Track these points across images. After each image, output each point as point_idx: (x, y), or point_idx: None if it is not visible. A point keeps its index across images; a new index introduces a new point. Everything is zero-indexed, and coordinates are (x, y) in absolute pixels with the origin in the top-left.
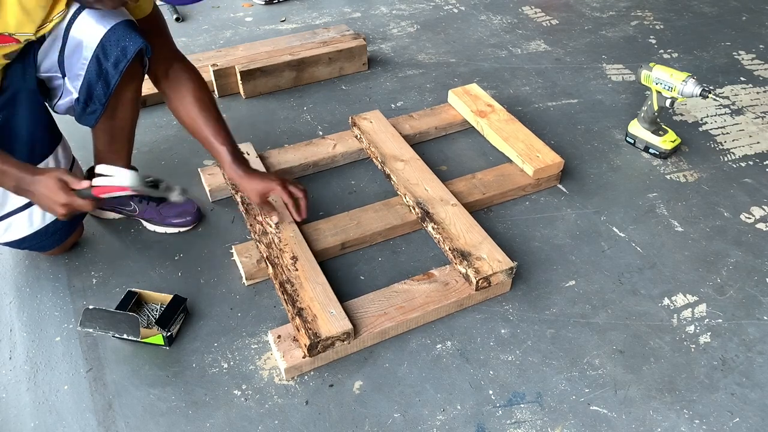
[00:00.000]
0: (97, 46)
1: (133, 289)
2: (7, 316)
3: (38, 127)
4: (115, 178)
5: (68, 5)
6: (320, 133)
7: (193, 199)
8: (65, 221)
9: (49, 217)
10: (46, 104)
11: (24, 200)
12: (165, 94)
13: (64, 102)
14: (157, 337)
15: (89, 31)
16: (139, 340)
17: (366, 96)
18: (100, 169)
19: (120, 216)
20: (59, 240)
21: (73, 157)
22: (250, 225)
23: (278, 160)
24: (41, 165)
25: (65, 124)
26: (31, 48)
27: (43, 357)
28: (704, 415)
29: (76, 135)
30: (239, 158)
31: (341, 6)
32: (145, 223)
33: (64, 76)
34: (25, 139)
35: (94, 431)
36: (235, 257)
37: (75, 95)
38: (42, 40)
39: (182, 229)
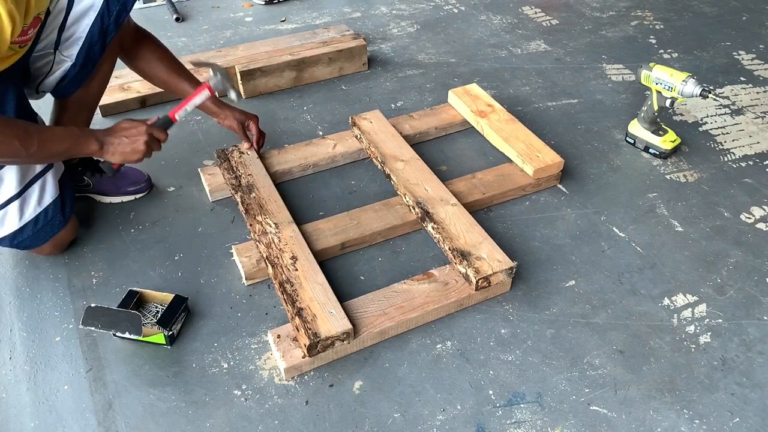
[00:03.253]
0: (102, 5)
1: (135, 289)
2: (7, 316)
3: (26, 117)
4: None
5: None
6: (320, 133)
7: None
8: (54, 213)
9: (41, 207)
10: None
11: (14, 191)
12: (131, 57)
13: (51, 78)
14: (159, 336)
15: None
16: (140, 338)
17: (366, 96)
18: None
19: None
20: (50, 232)
21: None
22: (250, 225)
23: (278, 160)
24: None
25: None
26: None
27: (43, 357)
28: (704, 415)
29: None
30: (216, 96)
31: (341, 6)
32: (99, 198)
33: (55, 49)
34: None
35: (94, 431)
36: (235, 257)
37: (70, 62)
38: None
39: (138, 196)
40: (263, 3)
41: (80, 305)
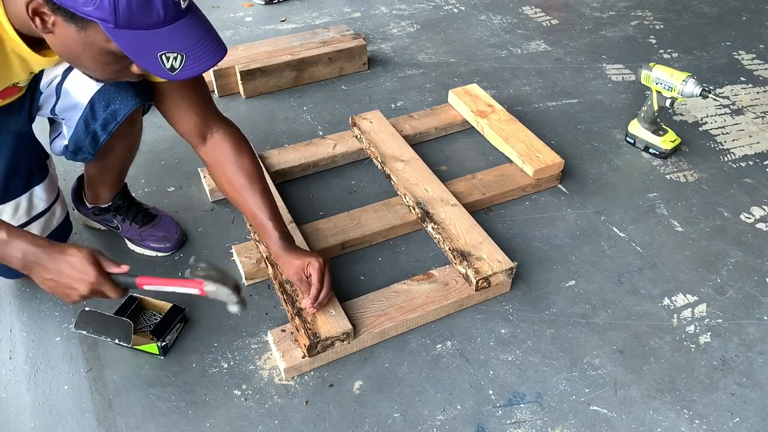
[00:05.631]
0: (85, 107)
1: (134, 295)
2: (7, 316)
3: (17, 168)
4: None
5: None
6: (320, 133)
7: (180, 224)
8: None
9: None
10: (38, 141)
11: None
12: (204, 161)
13: (58, 143)
14: (152, 347)
15: (79, 89)
16: (130, 346)
17: (366, 96)
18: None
19: (104, 228)
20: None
21: (58, 193)
22: (250, 225)
23: (278, 160)
24: (10, 204)
25: None
26: (27, 93)
27: (43, 357)
28: (704, 415)
29: None
30: (285, 235)
31: (341, 6)
32: (126, 241)
33: (63, 119)
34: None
35: (94, 431)
36: (235, 257)
37: (65, 142)
38: (36, 84)
39: (160, 254)
40: (263, 3)
41: (80, 305)
